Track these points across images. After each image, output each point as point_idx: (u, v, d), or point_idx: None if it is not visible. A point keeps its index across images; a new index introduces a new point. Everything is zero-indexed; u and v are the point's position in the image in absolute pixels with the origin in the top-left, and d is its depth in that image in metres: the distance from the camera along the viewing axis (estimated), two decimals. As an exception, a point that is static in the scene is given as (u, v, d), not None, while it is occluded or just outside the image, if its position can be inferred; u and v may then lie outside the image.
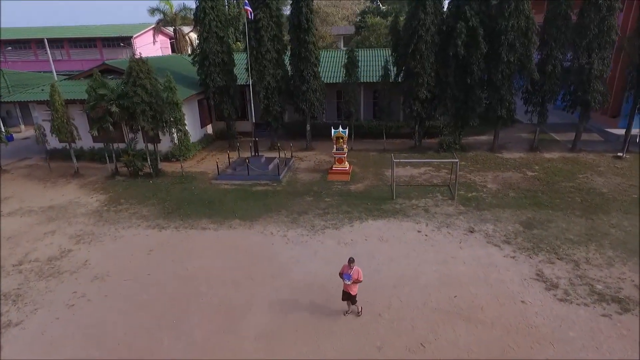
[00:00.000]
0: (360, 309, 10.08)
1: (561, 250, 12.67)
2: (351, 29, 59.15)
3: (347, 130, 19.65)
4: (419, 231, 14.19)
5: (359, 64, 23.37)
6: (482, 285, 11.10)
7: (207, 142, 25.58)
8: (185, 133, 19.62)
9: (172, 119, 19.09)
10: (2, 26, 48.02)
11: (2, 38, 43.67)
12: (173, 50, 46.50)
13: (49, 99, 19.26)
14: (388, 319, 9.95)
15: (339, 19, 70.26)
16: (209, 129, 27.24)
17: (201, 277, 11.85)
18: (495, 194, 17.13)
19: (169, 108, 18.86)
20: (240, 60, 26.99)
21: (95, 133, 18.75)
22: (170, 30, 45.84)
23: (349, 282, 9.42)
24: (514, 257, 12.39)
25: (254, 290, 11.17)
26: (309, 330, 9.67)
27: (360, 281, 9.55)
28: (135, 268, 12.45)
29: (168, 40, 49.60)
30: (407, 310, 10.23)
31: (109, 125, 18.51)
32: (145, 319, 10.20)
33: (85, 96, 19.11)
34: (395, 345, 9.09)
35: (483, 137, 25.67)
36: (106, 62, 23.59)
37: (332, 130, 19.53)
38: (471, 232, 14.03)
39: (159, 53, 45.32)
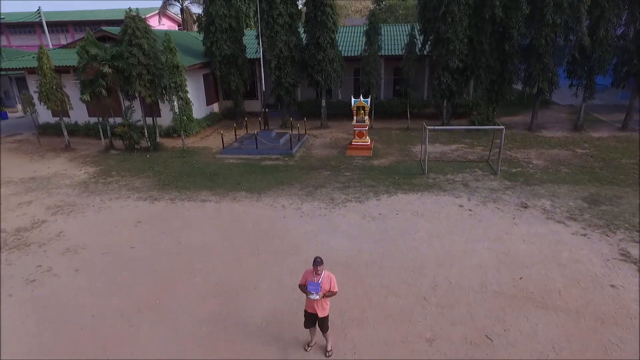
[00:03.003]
0: (330, 347, 6.47)
1: (644, 227, 10.15)
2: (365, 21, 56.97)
3: (369, 100, 17.32)
4: (460, 205, 11.76)
5: (381, 38, 21.00)
6: (553, 266, 8.65)
7: (212, 121, 23.41)
8: (187, 101, 17.44)
9: (172, 84, 16.94)
10: (7, 10, 46.69)
11: (8, 21, 42.26)
12: (181, 36, 44.58)
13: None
14: (436, 303, 7.55)
15: (352, 12, 68.39)
16: (216, 107, 25.10)
17: (196, 253, 9.59)
18: (544, 170, 14.63)
19: (169, 72, 16.71)
20: (250, 36, 24.91)
21: (87, 98, 16.64)
22: (177, 15, 44.06)
23: (316, 297, 5.94)
24: (585, 235, 9.90)
25: (260, 269, 8.87)
26: (332, 318, 7.32)
27: (335, 293, 6.16)
28: (117, 241, 10.24)
29: (176, 26, 47.83)
30: (460, 293, 7.83)
31: (101, 89, 16.43)
32: (121, 299, 7.96)
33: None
34: (450, 338, 6.69)
35: (517, 118, 23.11)
36: (103, 28, 21.58)
37: (352, 100, 17.22)
38: (525, 207, 11.56)
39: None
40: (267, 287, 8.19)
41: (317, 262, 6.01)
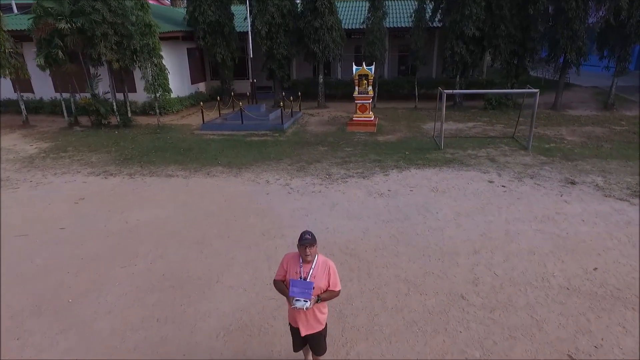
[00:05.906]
0: None
1: None
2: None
3: (372, 68, 14.92)
4: (490, 181, 9.35)
5: (386, 4, 18.59)
6: (634, 253, 6.23)
7: (197, 100, 20.76)
8: (162, 68, 15.01)
9: (144, 48, 14.48)
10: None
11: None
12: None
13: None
14: (481, 305, 5.11)
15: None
16: (202, 87, 22.65)
17: (145, 234, 7.14)
18: (582, 146, 12.26)
19: (140, 32, 14.28)
20: (239, 9, 22.49)
21: (42, 61, 14.16)
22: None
23: (306, 305, 3.35)
24: (662, 215, 7.50)
25: (229, 255, 6.42)
26: (329, 327, 4.89)
27: (337, 294, 3.57)
28: (45, 220, 7.79)
29: (167, 12, 45.33)
30: (513, 289, 5.39)
31: (58, 51, 13.95)
32: (19, 297, 5.50)
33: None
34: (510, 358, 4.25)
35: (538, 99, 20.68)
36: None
37: (354, 68, 14.84)
38: (572, 183, 9.16)
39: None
40: (234, 280, 5.74)
41: (307, 239, 3.39)
